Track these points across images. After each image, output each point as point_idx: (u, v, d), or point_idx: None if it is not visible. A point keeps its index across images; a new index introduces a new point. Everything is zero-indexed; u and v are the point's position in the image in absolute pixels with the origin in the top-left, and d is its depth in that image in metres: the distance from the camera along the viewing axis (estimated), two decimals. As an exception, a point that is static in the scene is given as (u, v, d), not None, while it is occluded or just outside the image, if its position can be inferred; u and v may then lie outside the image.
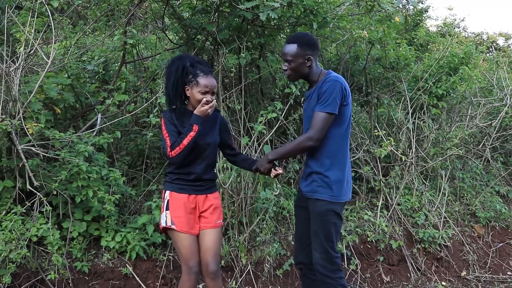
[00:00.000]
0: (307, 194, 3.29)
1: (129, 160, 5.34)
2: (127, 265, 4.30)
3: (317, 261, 3.28)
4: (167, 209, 3.22)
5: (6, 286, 3.75)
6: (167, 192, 3.27)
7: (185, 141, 3.10)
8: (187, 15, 5.31)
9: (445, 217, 6.05)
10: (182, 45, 5.39)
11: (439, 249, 5.71)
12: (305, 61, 3.20)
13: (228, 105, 5.02)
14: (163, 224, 3.22)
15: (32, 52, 4.52)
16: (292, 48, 3.19)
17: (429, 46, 9.06)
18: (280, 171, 3.33)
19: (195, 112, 3.14)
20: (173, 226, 3.17)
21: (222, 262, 4.60)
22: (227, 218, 4.72)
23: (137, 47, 5.63)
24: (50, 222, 4.05)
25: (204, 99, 3.14)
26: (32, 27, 4.44)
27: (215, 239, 3.27)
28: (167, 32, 5.91)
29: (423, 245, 5.65)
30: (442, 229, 5.84)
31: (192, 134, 3.10)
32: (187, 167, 3.23)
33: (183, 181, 3.24)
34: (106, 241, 4.33)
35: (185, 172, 3.23)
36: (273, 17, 4.21)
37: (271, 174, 3.34)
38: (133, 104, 5.42)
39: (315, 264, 3.30)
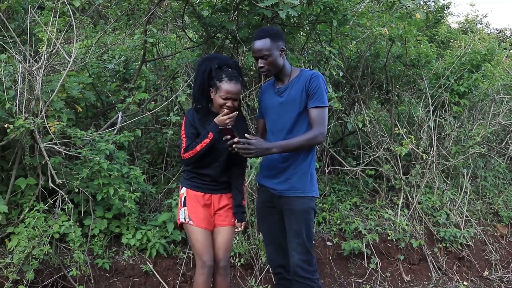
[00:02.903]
0: (283, 192, 3.16)
1: (150, 158, 5.36)
2: (147, 262, 4.32)
3: (296, 263, 3.11)
4: (184, 205, 3.30)
5: (29, 282, 3.80)
6: (184, 188, 3.34)
7: (198, 147, 3.15)
8: (207, 14, 5.31)
9: (466, 216, 5.97)
10: (202, 44, 5.39)
11: (461, 248, 5.64)
12: (280, 52, 3.16)
13: (247, 103, 5.01)
14: (181, 219, 3.30)
15: (54, 51, 4.56)
16: (265, 42, 3.10)
17: (450, 43, 8.94)
18: (240, 228, 3.35)
19: (215, 119, 3.15)
20: (190, 222, 3.24)
21: (242, 260, 4.60)
22: (246, 216, 4.72)
23: (157, 45, 5.65)
24: (72, 219, 4.08)
25: (225, 111, 3.13)
26: (54, 27, 4.48)
27: (228, 237, 3.33)
28: (187, 30, 5.92)
29: (444, 244, 5.58)
30: (463, 228, 5.77)
31: (206, 141, 3.13)
32: (202, 169, 3.27)
33: (199, 180, 3.30)
34: (126, 238, 4.37)
35: (200, 173, 3.28)
36: (292, 15, 4.18)
37: (238, 228, 3.35)
38: (153, 102, 5.44)
39: (294, 266, 3.13)
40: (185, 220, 3.26)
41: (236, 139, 2.91)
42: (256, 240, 4.71)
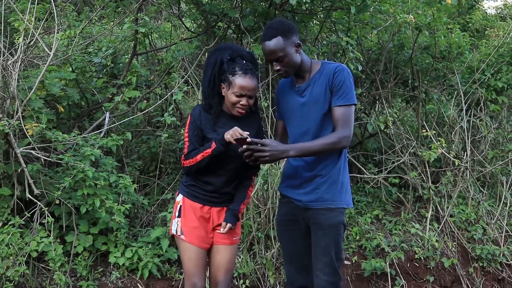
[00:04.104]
0: (310, 204, 3.15)
1: (141, 165, 5.35)
2: (138, 284, 4.29)
3: (322, 285, 3.08)
4: (179, 215, 3.24)
5: (3, 307, 3.79)
6: (180, 196, 3.28)
7: (199, 157, 3.08)
8: (207, 0, 5.31)
9: (506, 231, 5.92)
10: (201, 34, 5.38)
11: (500, 268, 5.59)
12: (295, 48, 3.13)
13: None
14: (173, 231, 3.26)
15: (32, 43, 4.57)
16: (278, 42, 3.04)
17: (486, 32, 8.89)
18: (222, 231, 3.22)
19: (225, 134, 3.02)
20: (182, 236, 3.19)
21: (247, 282, 4.57)
22: (252, 231, 4.69)
23: (149, 36, 5.64)
24: (52, 235, 4.07)
25: (234, 100, 3.06)
26: (32, 15, 4.48)
27: (229, 257, 3.27)
28: (183, 19, 5.92)
29: (480, 264, 5.53)
30: (503, 245, 5.72)
31: (208, 151, 3.05)
32: (205, 177, 3.20)
33: (198, 189, 3.23)
34: (115, 257, 4.34)
35: (202, 180, 3.21)
36: (304, 0, 4.16)
37: (221, 230, 3.22)
38: (145, 101, 5.44)
39: None
40: (176, 232, 3.22)
41: (248, 139, 2.84)
42: (263, 259, 4.68)
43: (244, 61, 3.11)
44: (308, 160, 3.13)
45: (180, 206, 3.26)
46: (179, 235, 3.20)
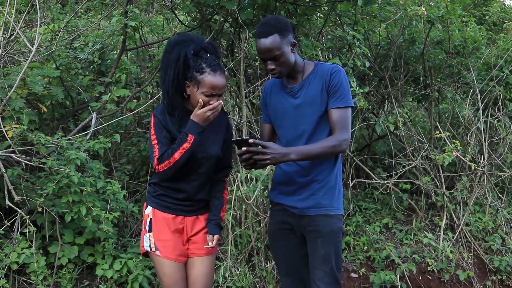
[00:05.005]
0: (307, 211, 3.15)
1: (131, 169, 5.35)
2: (128, 299, 4.30)
3: None
4: (150, 230, 3.17)
5: (-20, 324, 3.79)
6: (150, 208, 3.21)
7: (177, 155, 3.00)
8: (201, -10, 5.32)
9: (527, 241, 5.93)
10: (196, 28, 5.39)
11: (520, 281, 5.60)
12: (291, 47, 3.15)
13: (252, 102, 5.00)
14: (146, 247, 3.17)
15: (12, 37, 4.57)
16: (274, 39, 3.07)
17: (504, 25, 8.89)
18: (211, 244, 3.20)
19: (192, 116, 3.01)
20: (157, 252, 3.13)
21: (246, 296, 4.58)
22: (251, 241, 4.69)
23: (140, 30, 5.65)
24: (34, 246, 4.06)
25: (204, 100, 3.00)
26: (13, 7, 4.48)
27: (205, 270, 3.22)
28: (176, 11, 5.92)
29: (499, 277, 5.54)
30: (523, 256, 5.72)
31: (186, 146, 2.99)
32: (176, 183, 3.15)
33: (169, 198, 3.17)
34: (102, 269, 4.33)
35: (173, 188, 3.16)
36: (307, -9, 4.18)
37: (208, 244, 3.20)
38: (135, 100, 5.43)
39: None
40: (150, 249, 3.15)
41: (250, 140, 2.82)
42: (263, 271, 4.68)
43: (208, 55, 3.07)
44: (303, 164, 3.15)
45: (150, 219, 3.19)
46: (154, 251, 3.13)
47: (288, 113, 3.22)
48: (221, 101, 3.02)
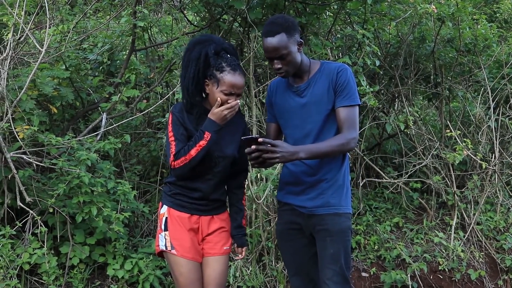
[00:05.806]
0: (315, 210, 3.17)
1: (141, 169, 5.36)
2: (139, 299, 4.32)
3: None
4: (165, 229, 3.19)
5: (-7, 324, 3.82)
6: (165, 207, 3.23)
7: (193, 151, 3.02)
8: (210, -10, 5.33)
9: (539, 240, 5.90)
10: (205, 28, 5.39)
11: (532, 280, 5.57)
12: (298, 47, 3.16)
13: (262, 101, 5.00)
14: (161, 247, 3.18)
15: (22, 39, 4.59)
16: (281, 38, 3.07)
17: (516, 23, 8.86)
18: (241, 256, 3.33)
19: (209, 115, 3.04)
20: (173, 251, 3.14)
21: (256, 296, 4.58)
22: (262, 241, 4.70)
23: (149, 31, 5.67)
24: (45, 246, 4.08)
25: (223, 99, 3.03)
26: (22, 8, 4.51)
27: (220, 270, 3.24)
28: (185, 12, 5.93)
29: (511, 276, 5.51)
30: (536, 255, 5.70)
31: (202, 143, 3.01)
32: (191, 182, 3.17)
33: (184, 197, 3.19)
34: (113, 269, 4.35)
35: (188, 187, 3.18)
36: (316, -10, 4.18)
37: (239, 256, 3.33)
38: (145, 101, 5.45)
39: None
40: (166, 248, 3.15)
41: (260, 139, 2.83)
42: (273, 270, 4.69)
43: (229, 56, 3.11)
44: (310, 164, 3.16)
45: (166, 218, 3.20)
46: (170, 250, 3.13)
47: (295, 112, 3.23)
48: (238, 101, 3.05)
